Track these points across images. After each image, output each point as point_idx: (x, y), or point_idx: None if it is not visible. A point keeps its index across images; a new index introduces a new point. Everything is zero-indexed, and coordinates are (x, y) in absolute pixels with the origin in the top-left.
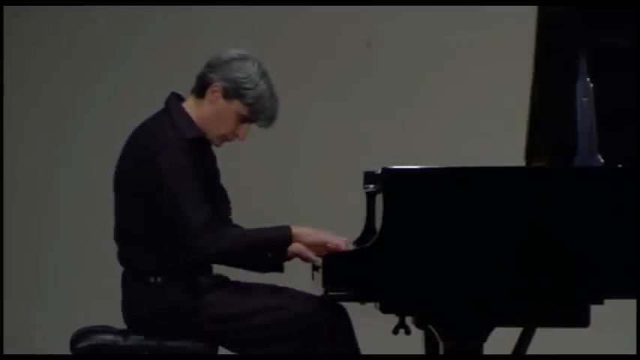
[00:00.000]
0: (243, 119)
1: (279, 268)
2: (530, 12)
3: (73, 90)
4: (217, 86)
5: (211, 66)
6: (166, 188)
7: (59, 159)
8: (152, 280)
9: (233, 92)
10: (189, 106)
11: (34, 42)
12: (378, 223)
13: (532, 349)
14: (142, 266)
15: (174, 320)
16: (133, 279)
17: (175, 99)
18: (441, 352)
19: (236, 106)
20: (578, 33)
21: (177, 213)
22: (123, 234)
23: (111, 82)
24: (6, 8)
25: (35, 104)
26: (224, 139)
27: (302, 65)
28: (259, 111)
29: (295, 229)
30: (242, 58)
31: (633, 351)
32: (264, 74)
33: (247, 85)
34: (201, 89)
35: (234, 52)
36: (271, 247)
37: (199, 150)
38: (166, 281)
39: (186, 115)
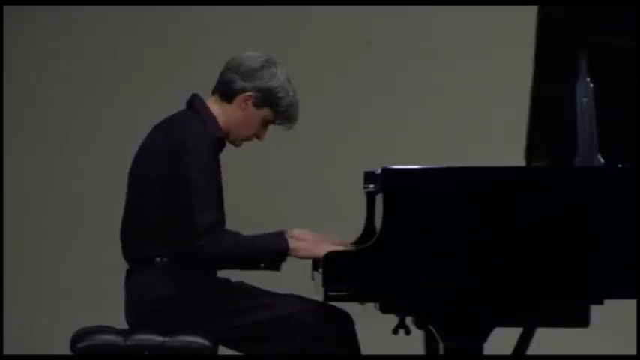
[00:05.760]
0: (267, 123)
1: (276, 268)
2: (530, 12)
3: (74, 90)
4: (251, 95)
5: (240, 73)
6: (185, 183)
7: (59, 159)
8: (160, 265)
9: (265, 101)
10: (213, 107)
11: (34, 42)
12: (378, 223)
13: (532, 349)
14: (152, 253)
15: (176, 312)
16: (139, 269)
17: (200, 99)
18: (441, 352)
19: (265, 113)
20: (578, 33)
21: (188, 209)
22: (137, 222)
23: (111, 82)
24: (6, 8)
25: (35, 104)
26: (245, 140)
27: (302, 65)
28: (288, 117)
29: (292, 244)
30: (270, 65)
31: (633, 351)
32: (289, 79)
33: (280, 95)
34: (229, 95)
35: (259, 57)
36: (267, 259)
37: (220, 150)
38: (173, 268)
39: (212, 116)
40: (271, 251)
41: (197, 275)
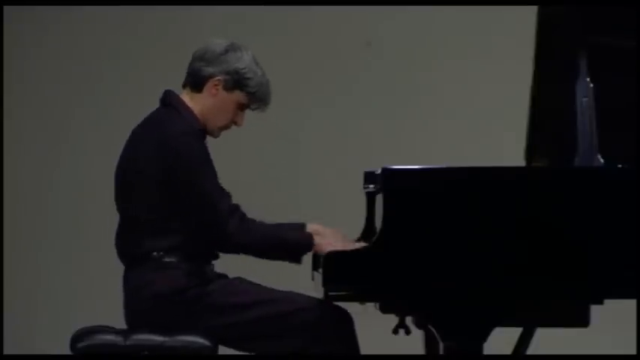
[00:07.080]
0: (242, 107)
1: (298, 261)
2: (530, 12)
3: (74, 90)
4: (219, 79)
5: (205, 59)
6: (192, 175)
7: (59, 159)
8: (156, 259)
9: (234, 83)
10: (186, 100)
11: (34, 42)
12: (378, 223)
13: (532, 349)
14: (147, 249)
15: (175, 309)
16: (135, 267)
17: (174, 94)
18: (441, 352)
19: (237, 96)
20: (578, 33)
21: (205, 200)
22: (128, 222)
23: (111, 82)
24: (6, 8)
25: (35, 104)
26: (224, 129)
27: (302, 65)
28: (260, 98)
29: (316, 240)
30: (234, 48)
31: (633, 351)
32: (256, 61)
33: (248, 75)
34: (198, 84)
35: (223, 42)
36: (292, 251)
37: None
38: (175, 264)
39: (189, 109)
40: (298, 245)
41: (195, 270)
